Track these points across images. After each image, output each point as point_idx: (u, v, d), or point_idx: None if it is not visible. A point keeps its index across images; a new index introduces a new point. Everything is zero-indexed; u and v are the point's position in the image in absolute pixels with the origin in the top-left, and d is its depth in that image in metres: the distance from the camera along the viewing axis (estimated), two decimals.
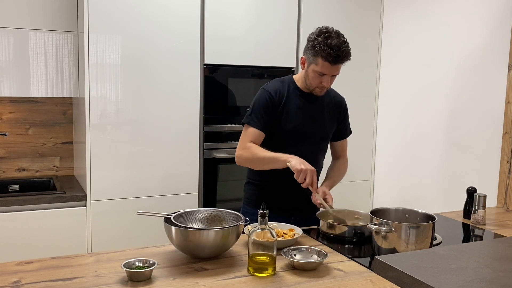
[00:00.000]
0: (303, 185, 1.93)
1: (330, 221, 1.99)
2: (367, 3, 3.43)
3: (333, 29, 2.03)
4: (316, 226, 2.07)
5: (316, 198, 2.02)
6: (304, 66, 2.11)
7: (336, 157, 2.39)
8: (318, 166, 2.21)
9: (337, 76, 2.11)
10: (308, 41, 2.06)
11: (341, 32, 3.51)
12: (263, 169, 2.08)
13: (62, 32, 2.95)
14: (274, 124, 2.11)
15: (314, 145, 2.18)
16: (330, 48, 1.97)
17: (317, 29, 2.05)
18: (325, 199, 2.03)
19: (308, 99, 2.16)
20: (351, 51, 2.04)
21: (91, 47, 2.72)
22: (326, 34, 1.99)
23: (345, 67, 3.39)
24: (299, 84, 2.17)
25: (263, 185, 2.21)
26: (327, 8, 3.31)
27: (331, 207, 2.03)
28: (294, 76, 2.21)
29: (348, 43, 2.03)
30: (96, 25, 2.71)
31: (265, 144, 2.10)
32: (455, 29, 2.93)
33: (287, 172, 2.01)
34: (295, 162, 1.93)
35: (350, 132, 2.39)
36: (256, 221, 1.83)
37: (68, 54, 2.98)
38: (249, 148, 2.07)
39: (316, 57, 2.01)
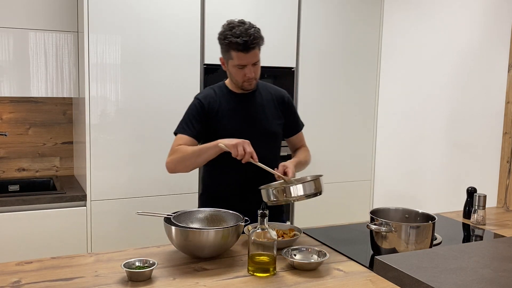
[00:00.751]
0: (244, 160, 1.84)
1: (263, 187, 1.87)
2: (367, 4, 3.43)
3: (237, 19, 1.99)
4: (316, 226, 2.07)
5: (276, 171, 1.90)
6: (225, 66, 2.06)
7: (295, 150, 2.29)
8: (270, 167, 2.02)
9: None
10: (218, 39, 2.01)
11: (341, 32, 3.51)
12: (198, 164, 2.00)
13: (62, 32, 2.95)
14: (211, 132, 2.05)
15: (261, 146, 2.00)
16: (236, 37, 1.92)
17: (223, 25, 2.01)
18: (285, 173, 1.93)
19: (244, 100, 2.10)
20: (260, 33, 1.97)
21: (91, 47, 2.72)
22: (230, 26, 1.96)
23: (345, 67, 3.41)
24: (231, 87, 2.12)
25: (217, 196, 2.12)
26: (327, 9, 3.31)
27: (288, 181, 1.90)
28: (225, 81, 2.15)
29: (255, 28, 1.97)
30: (96, 25, 2.71)
31: None
32: (455, 29, 2.93)
33: (241, 181, 2.00)
34: (227, 141, 1.86)
35: (303, 125, 2.30)
36: None
37: (68, 54, 2.98)
38: (177, 149, 2.00)
39: (229, 52, 1.97)
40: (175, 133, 2.08)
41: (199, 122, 2.05)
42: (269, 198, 1.82)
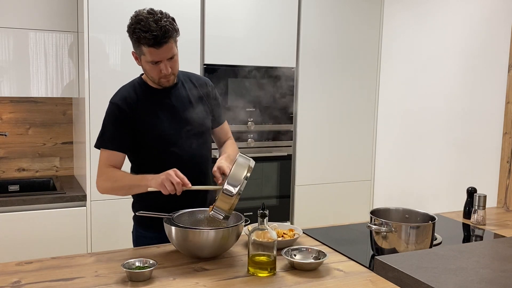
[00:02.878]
0: (178, 192, 1.69)
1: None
2: (367, 4, 3.43)
3: (147, 9, 1.77)
4: (317, 227, 2.06)
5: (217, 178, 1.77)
6: (138, 61, 1.86)
7: (221, 143, 2.11)
8: (206, 161, 2.00)
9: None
10: (127, 32, 1.80)
11: (341, 32, 3.49)
12: (130, 194, 1.90)
13: (62, 32, 2.95)
14: (137, 137, 1.86)
15: (195, 144, 1.91)
16: (145, 31, 1.71)
17: (131, 16, 1.80)
18: (224, 173, 1.78)
19: (167, 96, 1.90)
20: (173, 24, 1.77)
21: (91, 47, 2.72)
22: (138, 18, 1.75)
23: (345, 67, 3.41)
24: (150, 82, 1.91)
25: (152, 204, 1.87)
26: (327, 8, 3.31)
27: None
28: (143, 76, 1.94)
29: (168, 18, 1.76)
30: (96, 25, 2.71)
31: (141, 159, 1.88)
32: (455, 29, 2.93)
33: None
34: (154, 182, 1.71)
35: (225, 113, 2.16)
36: (151, 244, 1.82)
37: (68, 54, 2.98)
38: (107, 174, 1.83)
39: (140, 47, 1.78)
40: (98, 147, 1.89)
41: (123, 131, 1.85)
42: (224, 214, 1.67)
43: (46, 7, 2.89)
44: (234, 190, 1.62)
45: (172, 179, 1.68)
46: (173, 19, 1.80)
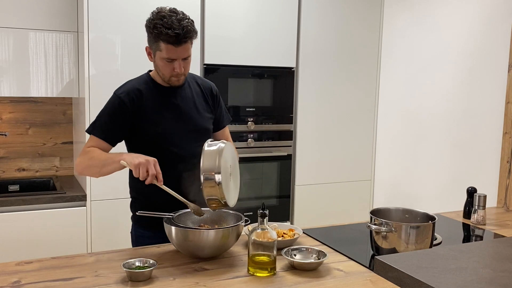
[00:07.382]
0: (147, 181, 1.68)
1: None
2: (367, 4, 3.43)
3: (168, 7, 1.82)
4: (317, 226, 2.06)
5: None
6: (151, 57, 1.88)
7: None
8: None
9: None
10: (146, 26, 1.83)
11: (341, 32, 3.49)
12: (104, 174, 1.82)
13: (62, 32, 2.95)
14: (138, 131, 1.88)
15: (194, 144, 1.90)
16: (167, 28, 1.74)
17: (152, 12, 1.83)
18: None
19: (173, 95, 1.93)
20: (193, 26, 1.82)
21: (91, 47, 2.72)
22: (160, 14, 1.78)
23: (345, 67, 3.41)
24: (157, 80, 1.93)
25: (151, 202, 1.88)
26: (327, 8, 3.31)
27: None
28: (151, 73, 1.96)
29: (189, 19, 1.81)
30: (96, 25, 2.71)
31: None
32: (455, 29, 2.93)
33: (175, 182, 1.79)
34: (130, 159, 1.70)
35: (229, 119, 2.16)
36: (150, 243, 1.82)
37: (68, 54, 2.98)
38: (87, 152, 1.83)
39: (158, 42, 1.79)
40: (88, 132, 1.90)
41: (117, 124, 1.86)
42: (226, 201, 1.70)
43: (46, 7, 2.89)
44: (214, 177, 1.64)
45: (150, 169, 1.68)
46: (193, 21, 1.83)
